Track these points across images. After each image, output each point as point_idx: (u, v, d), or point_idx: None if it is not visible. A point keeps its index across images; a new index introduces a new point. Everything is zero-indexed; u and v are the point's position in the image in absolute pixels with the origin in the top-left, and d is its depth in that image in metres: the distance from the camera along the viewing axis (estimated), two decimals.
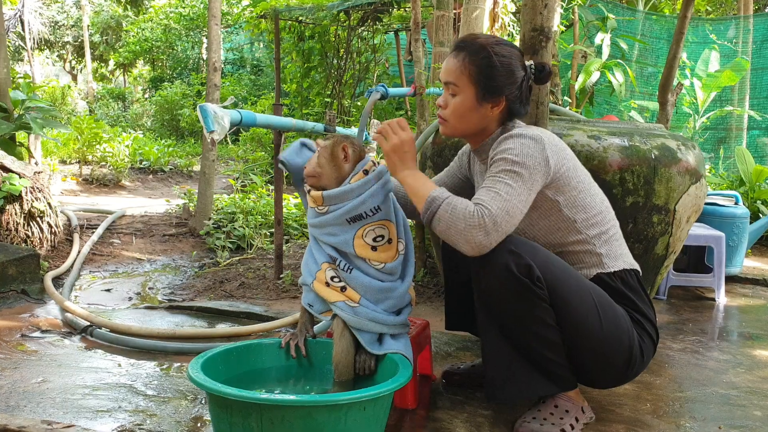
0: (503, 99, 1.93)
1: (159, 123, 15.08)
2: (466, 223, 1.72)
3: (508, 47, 1.95)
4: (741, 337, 3.18)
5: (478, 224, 1.71)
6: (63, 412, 2.03)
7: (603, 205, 1.99)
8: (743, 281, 4.40)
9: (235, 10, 16.82)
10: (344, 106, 9.66)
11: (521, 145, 1.83)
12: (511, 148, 1.83)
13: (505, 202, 1.75)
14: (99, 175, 8.00)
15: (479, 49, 1.92)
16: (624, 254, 2.00)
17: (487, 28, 6.03)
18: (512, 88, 1.93)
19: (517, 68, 1.93)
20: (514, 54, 1.95)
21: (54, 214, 4.31)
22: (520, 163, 1.80)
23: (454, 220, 1.74)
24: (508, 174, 1.79)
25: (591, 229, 1.93)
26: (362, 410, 1.67)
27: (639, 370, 1.96)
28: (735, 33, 8.80)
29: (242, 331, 2.87)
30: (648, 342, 1.95)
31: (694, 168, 2.92)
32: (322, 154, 1.98)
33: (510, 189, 1.77)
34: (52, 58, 26.57)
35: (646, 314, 1.97)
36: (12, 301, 3.34)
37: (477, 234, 1.72)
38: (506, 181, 1.78)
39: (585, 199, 1.93)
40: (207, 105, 2.78)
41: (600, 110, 7.94)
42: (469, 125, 1.98)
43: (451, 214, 1.75)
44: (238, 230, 4.85)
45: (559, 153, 1.89)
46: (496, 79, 1.91)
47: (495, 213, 1.73)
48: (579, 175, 1.94)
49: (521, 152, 1.81)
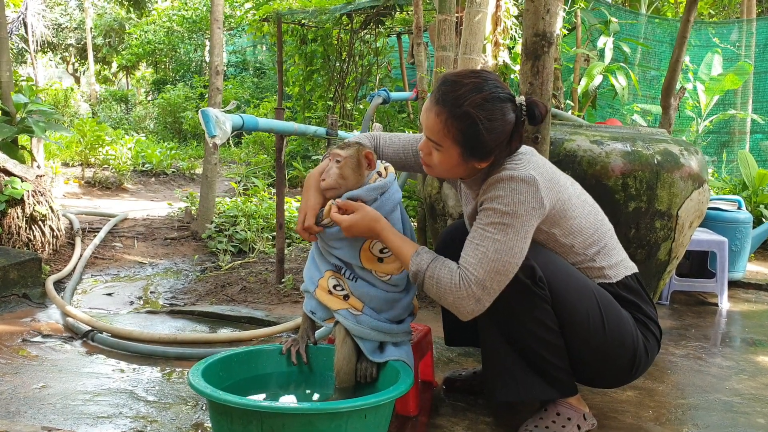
0: (492, 157, 1.78)
1: (161, 126, 15.10)
2: (454, 296, 1.71)
3: (497, 103, 1.73)
4: (744, 343, 3.16)
5: (467, 295, 1.70)
6: (63, 418, 2.03)
7: (597, 221, 1.92)
8: (746, 286, 4.39)
9: (238, 13, 16.83)
10: (347, 109, 9.66)
11: (512, 191, 1.71)
12: (501, 197, 1.72)
13: (492, 263, 1.69)
14: (101, 178, 8.00)
15: (463, 116, 1.71)
16: (622, 260, 1.98)
17: (489, 31, 6.02)
18: (502, 146, 1.76)
19: (506, 124, 1.74)
20: (503, 109, 1.73)
21: (56, 218, 4.31)
22: (510, 213, 1.70)
23: (442, 294, 1.73)
24: (497, 227, 1.70)
25: (589, 249, 1.89)
26: (363, 418, 1.66)
27: (644, 369, 1.97)
28: (738, 36, 8.79)
29: (243, 336, 2.87)
30: (652, 341, 1.95)
31: (696, 173, 2.91)
32: (347, 164, 1.92)
33: (498, 245, 1.69)
34: (55, 60, 26.64)
35: (649, 314, 1.97)
36: (13, 305, 3.33)
37: (468, 305, 1.71)
38: (494, 236, 1.70)
39: (581, 223, 1.87)
40: (209, 109, 2.77)
41: (603, 114, 7.93)
42: (456, 174, 1.87)
43: (437, 288, 1.73)
44: (240, 234, 4.85)
45: (553, 189, 1.79)
46: (484, 145, 1.74)
47: (482, 278, 1.69)
48: (573, 202, 1.86)
49: (512, 200, 1.71)
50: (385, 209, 1.94)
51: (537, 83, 2.48)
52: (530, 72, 2.48)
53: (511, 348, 1.87)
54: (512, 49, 6.43)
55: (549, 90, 2.51)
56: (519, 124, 1.77)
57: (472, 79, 1.73)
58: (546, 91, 2.50)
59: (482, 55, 5.66)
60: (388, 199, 1.96)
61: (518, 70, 3.53)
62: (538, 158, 1.85)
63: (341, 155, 1.93)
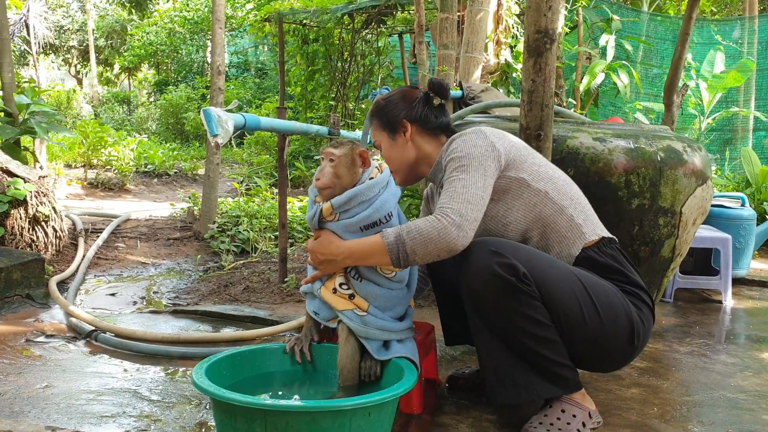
0: (406, 122, 2.09)
1: (164, 126, 15.12)
2: (437, 231, 1.77)
3: (396, 91, 2.19)
4: (748, 340, 3.15)
5: (448, 224, 1.77)
6: (67, 417, 2.03)
7: (567, 178, 2.06)
8: (750, 283, 4.38)
9: (240, 14, 16.87)
10: (348, 108, 9.66)
11: (463, 141, 1.95)
12: (454, 149, 1.95)
13: (461, 195, 1.83)
14: (104, 179, 8.02)
15: (373, 108, 2.18)
16: (597, 223, 2.04)
17: (491, 30, 6.02)
18: (409, 111, 2.10)
19: (406, 99, 2.12)
20: (402, 91, 2.17)
21: (59, 219, 4.31)
22: (465, 156, 1.90)
23: (426, 238, 1.78)
24: (457, 170, 1.89)
25: (563, 198, 1.97)
26: (367, 416, 1.66)
27: (644, 340, 1.96)
28: (740, 34, 8.78)
29: (247, 335, 2.87)
30: (646, 310, 1.95)
31: (700, 170, 2.90)
32: (341, 163, 1.91)
33: (463, 182, 1.85)
34: (58, 62, 26.69)
35: (637, 282, 1.97)
36: (17, 305, 3.34)
37: (450, 233, 1.77)
38: (458, 177, 1.87)
39: (548, 171, 2.00)
40: (211, 109, 2.77)
41: (605, 112, 7.92)
42: (403, 161, 2.13)
43: (419, 234, 1.79)
44: (242, 234, 4.85)
45: (504, 138, 1.99)
46: (390, 113, 2.11)
47: (456, 207, 1.80)
48: (534, 155, 2.03)
49: (464, 146, 1.93)
50: (391, 204, 1.94)
51: (539, 80, 2.47)
52: (532, 69, 2.47)
53: (507, 349, 1.86)
54: (514, 47, 6.43)
55: (551, 87, 2.50)
56: (424, 98, 2.13)
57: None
58: (548, 87, 2.49)
59: (484, 54, 5.66)
60: (391, 194, 1.96)
61: (520, 68, 3.53)
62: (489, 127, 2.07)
63: (335, 154, 1.92)
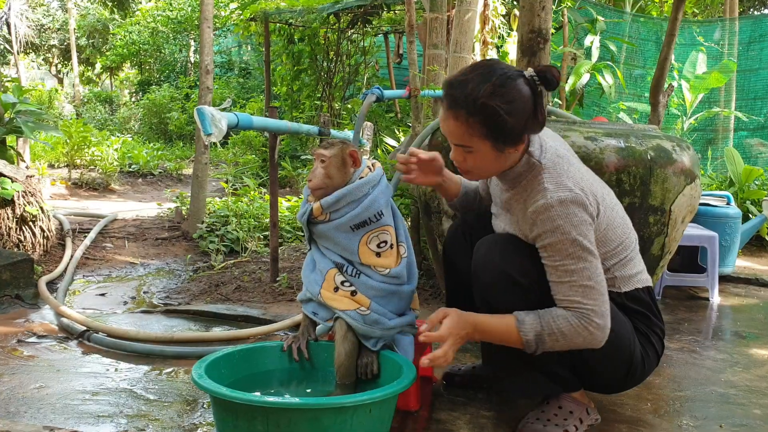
0: (524, 136, 1.76)
1: (147, 126, 15.00)
2: (583, 337, 1.71)
3: (509, 83, 1.68)
4: (736, 337, 3.20)
5: (594, 329, 1.71)
6: (64, 417, 2.01)
7: (624, 234, 1.89)
8: (736, 281, 4.44)
9: (223, 13, 16.77)
10: (334, 108, 9.65)
11: (567, 217, 1.70)
12: (559, 226, 1.70)
13: (592, 289, 1.71)
14: (88, 179, 7.95)
15: (481, 109, 1.67)
16: (638, 273, 1.93)
17: (477, 30, 6.06)
18: (529, 122, 1.72)
19: (525, 100, 1.69)
20: (517, 87, 1.69)
21: (46, 218, 4.27)
22: (576, 240, 1.70)
23: (571, 341, 1.73)
24: (573, 258, 1.71)
25: (609, 260, 1.86)
26: (368, 412, 1.67)
27: (639, 380, 1.96)
28: (721, 35, 8.89)
29: (241, 334, 2.86)
30: (651, 354, 1.93)
31: (689, 169, 2.94)
32: (332, 164, 1.93)
33: (586, 272, 1.71)
34: (38, 61, 26.40)
35: (653, 327, 1.94)
36: (6, 306, 3.30)
37: (597, 335, 1.72)
38: (577, 266, 1.71)
39: (607, 235, 1.83)
40: (204, 108, 2.76)
41: (589, 112, 7.98)
42: (496, 169, 1.83)
43: (564, 339, 1.72)
44: (231, 233, 4.83)
45: (596, 199, 1.78)
46: (511, 129, 1.70)
47: (594, 306, 1.71)
48: (608, 214, 1.84)
49: (571, 226, 1.70)
50: (380, 202, 1.95)
51: None
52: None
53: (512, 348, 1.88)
54: (500, 47, 6.47)
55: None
56: (537, 95, 1.72)
57: (474, 73, 1.71)
58: None
59: (471, 54, 5.69)
60: (381, 192, 1.97)
61: None
62: (566, 160, 1.82)
63: (325, 155, 1.94)
